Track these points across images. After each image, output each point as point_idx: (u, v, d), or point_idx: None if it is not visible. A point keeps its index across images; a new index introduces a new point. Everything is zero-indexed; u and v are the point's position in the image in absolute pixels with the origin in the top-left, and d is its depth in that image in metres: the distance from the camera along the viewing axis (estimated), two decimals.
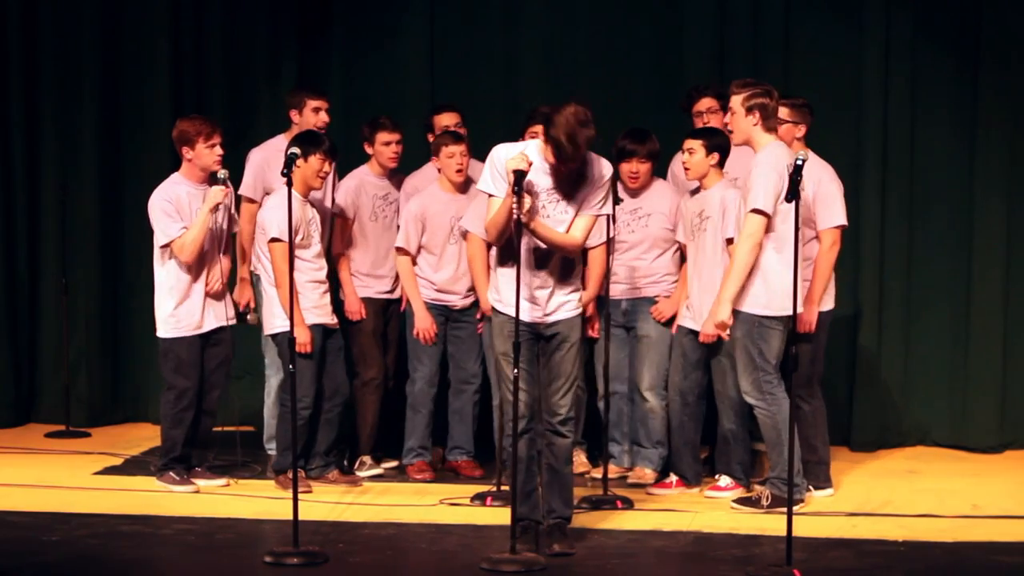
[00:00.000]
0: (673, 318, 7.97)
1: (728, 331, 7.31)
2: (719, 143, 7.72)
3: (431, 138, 8.49)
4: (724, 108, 7.95)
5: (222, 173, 7.84)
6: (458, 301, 8.33)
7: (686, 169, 7.80)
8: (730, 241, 7.60)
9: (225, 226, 8.04)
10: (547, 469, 6.74)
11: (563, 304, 6.69)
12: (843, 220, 7.64)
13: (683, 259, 8.02)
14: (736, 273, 7.22)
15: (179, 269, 7.86)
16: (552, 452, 6.73)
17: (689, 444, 7.90)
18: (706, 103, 8.16)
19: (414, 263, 8.32)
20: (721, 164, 7.74)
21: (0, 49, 9.92)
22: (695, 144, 7.73)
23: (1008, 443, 9.15)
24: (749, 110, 7.27)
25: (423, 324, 8.28)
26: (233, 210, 8.13)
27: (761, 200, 7.12)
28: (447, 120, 8.49)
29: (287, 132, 8.35)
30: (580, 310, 6.77)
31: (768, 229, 7.20)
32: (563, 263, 6.68)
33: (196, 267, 7.88)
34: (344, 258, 8.38)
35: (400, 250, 8.31)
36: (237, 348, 8.38)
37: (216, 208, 7.81)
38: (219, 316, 8.01)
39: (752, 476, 7.89)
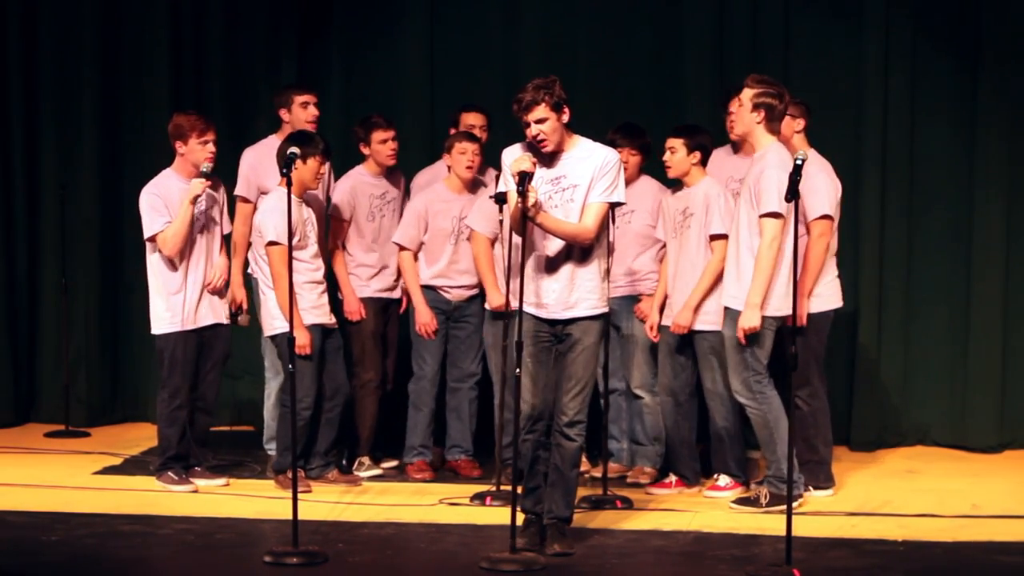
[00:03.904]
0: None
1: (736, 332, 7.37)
2: (700, 142, 7.73)
3: (453, 132, 8.48)
4: None
5: (206, 166, 7.83)
6: (457, 292, 8.31)
7: (667, 167, 7.81)
8: (713, 237, 7.61)
9: (219, 221, 8.04)
10: (553, 470, 6.74)
11: (581, 301, 6.67)
12: (827, 210, 7.60)
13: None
14: (762, 278, 7.21)
15: (169, 263, 7.86)
16: (559, 454, 6.72)
17: (685, 443, 7.90)
18: (735, 103, 8.11)
19: (415, 259, 8.33)
20: (703, 162, 7.75)
21: (0, 49, 9.93)
22: (676, 143, 7.74)
23: (1007, 443, 9.15)
24: (756, 107, 7.28)
25: (424, 319, 8.28)
26: (226, 210, 8.12)
27: (775, 203, 7.12)
28: (472, 119, 8.48)
29: (279, 132, 8.33)
30: (599, 311, 6.71)
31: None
32: (579, 258, 6.65)
33: (188, 261, 7.88)
34: (339, 257, 8.36)
35: (400, 246, 8.32)
36: (236, 348, 8.39)
37: (195, 200, 7.80)
38: (216, 313, 8.02)
39: (750, 474, 7.89)
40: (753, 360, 7.30)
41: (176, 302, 7.88)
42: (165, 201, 7.84)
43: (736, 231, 7.41)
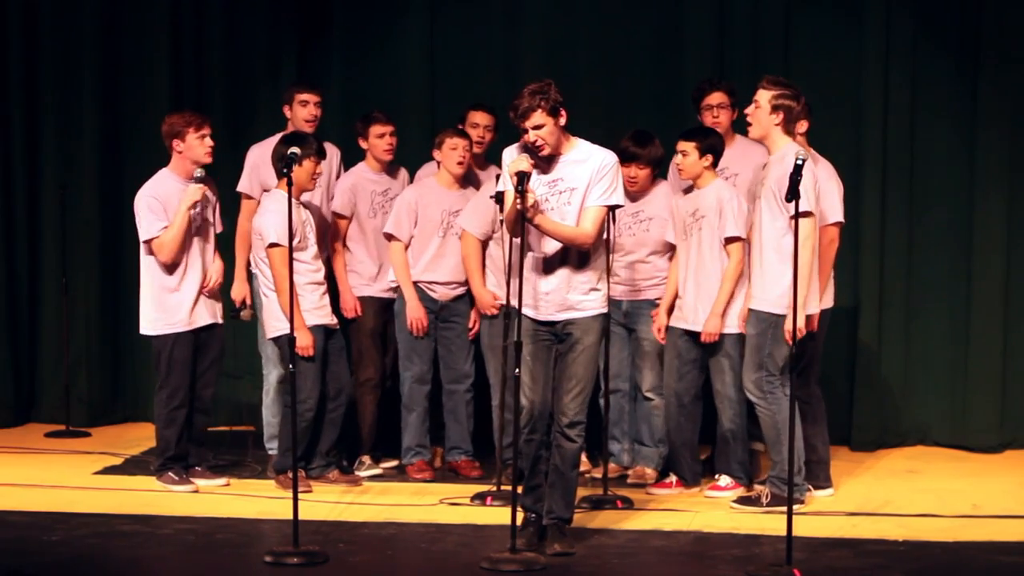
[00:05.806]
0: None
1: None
2: (712, 144, 7.70)
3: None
4: (734, 105, 7.94)
5: (199, 172, 7.82)
6: (443, 291, 8.29)
7: (679, 170, 7.80)
8: (728, 240, 7.59)
9: (212, 221, 8.03)
10: (553, 470, 6.74)
11: (579, 303, 6.66)
12: (839, 217, 7.63)
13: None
14: (804, 278, 7.09)
15: (164, 266, 7.85)
16: (559, 455, 6.72)
17: (687, 445, 7.89)
18: (717, 97, 8.08)
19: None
20: (715, 165, 7.73)
21: (0, 49, 9.93)
22: (688, 146, 7.71)
23: (1008, 443, 9.15)
24: (775, 109, 7.24)
25: (415, 314, 8.25)
26: (219, 211, 8.10)
27: (807, 202, 7.07)
28: (478, 119, 8.45)
29: (285, 129, 8.34)
30: (599, 312, 6.71)
31: (787, 231, 7.15)
32: (576, 259, 6.64)
33: (184, 262, 7.87)
34: (339, 255, 8.36)
35: (390, 236, 8.29)
36: (237, 348, 8.39)
37: (194, 206, 7.80)
38: (212, 313, 8.02)
39: (752, 476, 7.89)
40: (770, 362, 7.29)
41: (172, 303, 7.87)
42: (163, 203, 7.82)
43: (759, 232, 7.35)
